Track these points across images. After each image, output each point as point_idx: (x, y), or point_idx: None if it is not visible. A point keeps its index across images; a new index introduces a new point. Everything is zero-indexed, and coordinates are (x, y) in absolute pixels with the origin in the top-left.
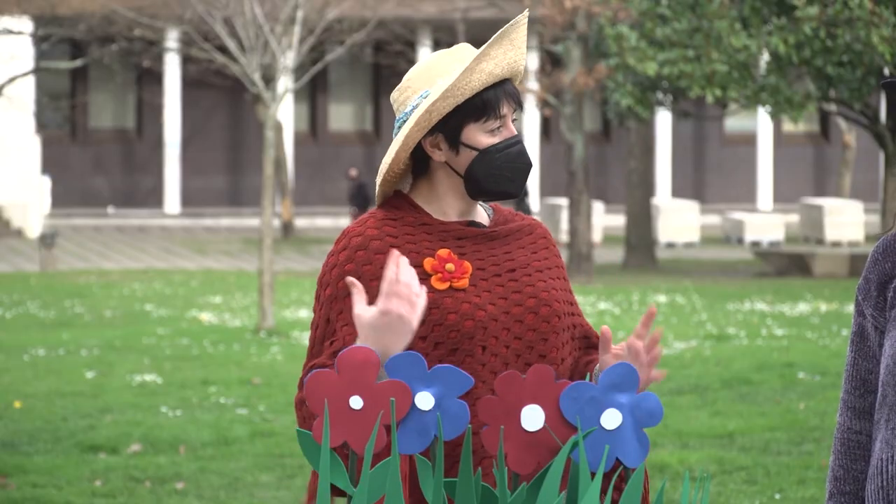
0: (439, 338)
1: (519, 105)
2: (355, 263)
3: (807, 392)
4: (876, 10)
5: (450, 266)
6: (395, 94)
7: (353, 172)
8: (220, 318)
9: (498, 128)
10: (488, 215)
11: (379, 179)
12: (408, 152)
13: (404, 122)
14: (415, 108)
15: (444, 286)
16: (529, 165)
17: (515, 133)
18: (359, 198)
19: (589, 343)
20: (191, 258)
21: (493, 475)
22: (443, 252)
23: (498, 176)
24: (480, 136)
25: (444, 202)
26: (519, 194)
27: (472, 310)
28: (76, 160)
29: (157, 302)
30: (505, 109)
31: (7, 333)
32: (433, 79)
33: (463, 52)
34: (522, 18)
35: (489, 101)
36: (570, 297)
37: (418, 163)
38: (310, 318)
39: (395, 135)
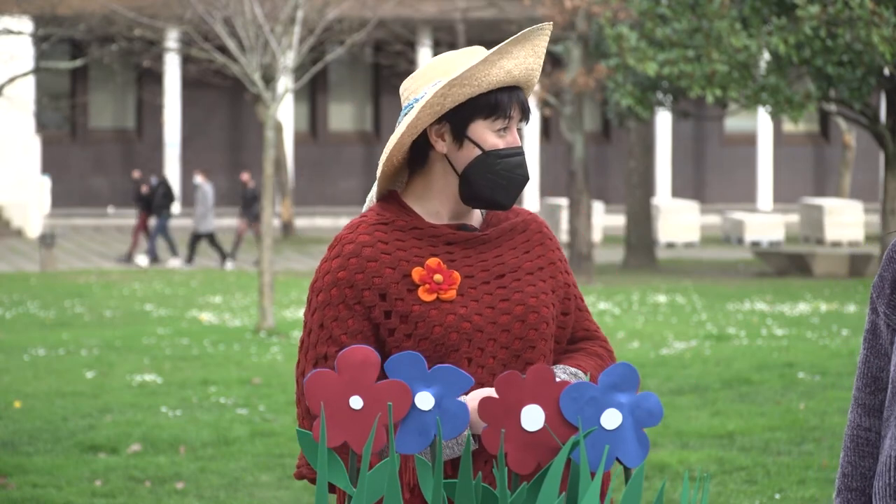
0: (426, 352)
1: (526, 117)
2: (348, 271)
3: (807, 392)
4: (877, 9)
5: (438, 277)
6: (406, 83)
7: (137, 174)
8: (220, 318)
9: (503, 130)
10: (482, 213)
11: (379, 170)
12: (413, 137)
13: (412, 108)
14: (425, 95)
15: (431, 298)
16: (526, 179)
17: (520, 143)
18: (143, 200)
19: (574, 338)
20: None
21: (492, 475)
22: (432, 262)
23: (494, 182)
24: (487, 135)
25: (438, 201)
26: (509, 206)
27: (458, 321)
28: (76, 160)
29: (157, 302)
30: (514, 114)
31: (7, 333)
32: (448, 72)
33: (478, 52)
34: (547, 27)
35: (502, 100)
36: (567, 290)
37: (417, 156)
38: None
39: (399, 123)
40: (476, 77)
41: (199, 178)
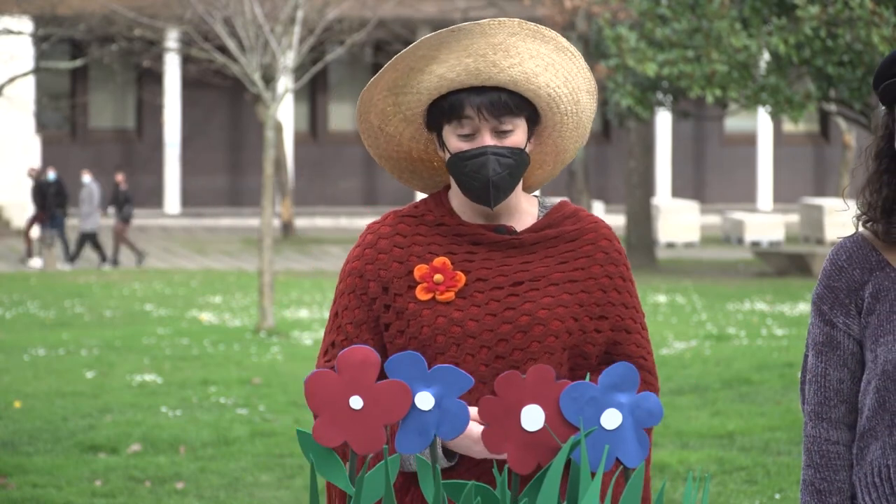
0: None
1: (500, 115)
2: (361, 261)
3: None
4: (877, 9)
5: (438, 277)
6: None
7: (32, 171)
8: (220, 318)
9: (470, 134)
10: (539, 214)
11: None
12: (378, 149)
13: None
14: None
15: (426, 297)
16: (487, 181)
17: (487, 144)
18: (38, 197)
19: (613, 362)
20: (191, 258)
21: (492, 475)
22: (438, 261)
23: (468, 184)
24: (452, 139)
25: (465, 202)
26: (492, 205)
27: (447, 325)
28: (76, 160)
29: (157, 302)
30: (469, 113)
31: (7, 333)
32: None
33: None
34: (468, 26)
35: (452, 104)
36: (605, 309)
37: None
38: (310, 318)
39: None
40: (411, 85)
41: (86, 177)
